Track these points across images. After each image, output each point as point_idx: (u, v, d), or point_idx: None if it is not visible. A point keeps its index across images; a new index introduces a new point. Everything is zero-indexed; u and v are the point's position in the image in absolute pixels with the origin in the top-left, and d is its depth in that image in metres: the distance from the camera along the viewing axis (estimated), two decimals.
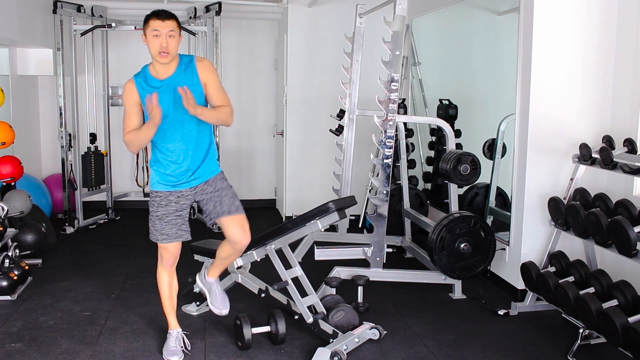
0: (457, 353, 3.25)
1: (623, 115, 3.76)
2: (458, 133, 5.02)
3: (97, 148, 6.24)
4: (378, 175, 3.98)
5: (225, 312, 3.32)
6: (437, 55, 5.86)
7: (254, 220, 6.38)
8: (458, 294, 4.09)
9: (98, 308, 3.82)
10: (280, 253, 3.38)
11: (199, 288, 3.49)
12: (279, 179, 6.75)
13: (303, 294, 3.32)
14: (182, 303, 3.75)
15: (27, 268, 4.20)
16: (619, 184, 3.70)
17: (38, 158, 6.55)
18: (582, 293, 3.26)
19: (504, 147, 4.48)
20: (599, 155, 3.46)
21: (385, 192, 3.95)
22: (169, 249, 3.09)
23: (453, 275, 3.97)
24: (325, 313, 3.34)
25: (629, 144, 3.36)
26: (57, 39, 5.66)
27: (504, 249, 4.13)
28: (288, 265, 3.38)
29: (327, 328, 3.24)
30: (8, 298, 3.91)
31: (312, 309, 3.33)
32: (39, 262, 4.66)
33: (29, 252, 4.52)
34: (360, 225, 5.73)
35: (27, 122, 6.21)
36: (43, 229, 4.67)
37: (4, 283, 3.91)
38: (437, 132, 5.28)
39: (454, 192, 4.14)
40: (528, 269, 3.72)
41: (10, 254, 4.14)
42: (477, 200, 4.84)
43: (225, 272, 3.53)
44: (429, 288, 4.16)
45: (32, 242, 4.53)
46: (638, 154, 3.30)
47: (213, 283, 3.35)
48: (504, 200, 4.54)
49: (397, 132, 4.43)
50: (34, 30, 5.59)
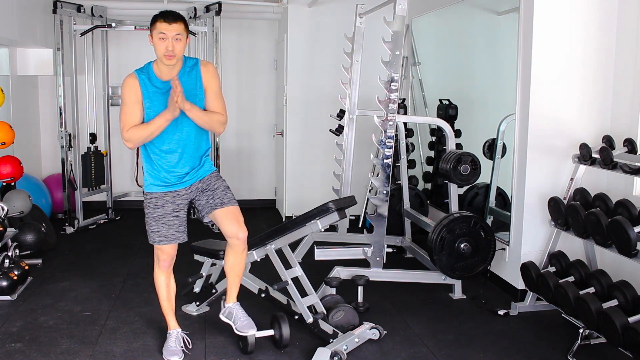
0: (457, 353, 3.25)
1: (623, 115, 3.76)
2: (458, 133, 5.02)
3: (97, 148, 6.23)
4: (378, 175, 3.98)
5: (253, 332, 3.11)
6: (437, 55, 5.86)
7: (254, 220, 6.43)
8: (458, 294, 4.09)
9: (98, 308, 3.82)
10: (280, 253, 3.38)
11: (225, 321, 3.22)
12: (279, 179, 6.75)
13: (303, 294, 3.32)
14: (182, 303, 3.75)
15: (27, 268, 4.20)
16: (619, 184, 3.70)
17: (38, 158, 6.55)
18: (582, 293, 3.26)
19: (504, 147, 4.49)
20: (599, 155, 3.46)
21: (385, 192, 3.95)
22: (165, 251, 3.07)
23: (453, 275, 3.97)
24: (325, 313, 3.34)
25: (629, 144, 3.36)
26: (57, 39, 5.65)
27: (504, 249, 4.13)
28: (288, 265, 3.38)
29: (327, 328, 3.24)
30: (8, 298, 3.91)
31: (312, 309, 3.33)
32: (39, 262, 4.66)
33: (29, 252, 4.52)
34: (360, 225, 5.73)
35: (27, 122, 6.21)
36: (43, 229, 4.67)
37: (4, 283, 3.91)
38: (437, 132, 5.29)
39: (454, 192, 4.14)
40: (528, 269, 3.72)
41: (10, 254, 4.14)
42: (477, 200, 4.84)
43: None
44: (429, 288, 4.16)
45: (32, 242, 4.53)
46: (638, 154, 3.30)
47: (233, 308, 3.16)
48: (504, 200, 4.54)
49: (397, 132, 4.43)
50: (34, 30, 5.59)
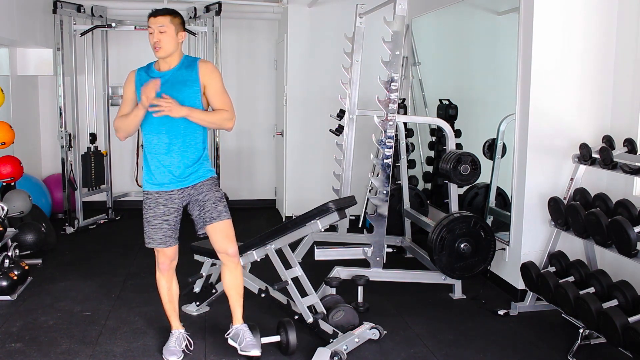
0: (457, 353, 3.25)
1: (623, 115, 3.76)
2: (458, 133, 5.02)
3: (97, 148, 6.23)
4: (378, 175, 3.98)
5: (256, 352, 3.02)
6: (437, 55, 5.86)
7: (254, 220, 6.44)
8: (458, 294, 4.09)
9: (98, 308, 3.82)
10: (280, 253, 3.38)
11: (231, 344, 3.12)
12: (279, 179, 6.75)
13: (303, 294, 3.32)
14: (182, 303, 3.74)
15: (27, 268, 4.20)
16: (619, 184, 3.70)
17: (38, 158, 6.56)
18: (582, 293, 3.26)
19: (504, 147, 4.49)
20: (599, 155, 3.46)
21: (385, 192, 3.95)
22: (163, 252, 3.06)
23: (453, 275, 3.97)
24: (325, 313, 3.34)
25: (629, 144, 3.36)
26: (57, 39, 5.66)
27: (504, 249, 4.13)
28: (288, 265, 3.38)
29: (327, 328, 3.24)
30: (8, 298, 3.91)
31: (312, 309, 3.33)
32: (39, 262, 4.66)
33: (29, 252, 4.52)
34: (360, 225, 5.73)
35: (27, 122, 6.21)
36: (43, 229, 4.67)
37: (4, 283, 3.91)
38: (437, 132, 5.28)
39: (454, 192, 4.14)
40: (528, 269, 3.72)
41: (10, 254, 4.14)
42: (477, 200, 4.84)
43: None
44: (429, 288, 4.16)
45: (32, 242, 4.53)
46: (638, 154, 3.30)
47: (240, 329, 3.09)
48: (504, 200, 4.54)
49: (397, 132, 4.43)
50: (34, 30, 5.59)
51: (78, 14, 5.86)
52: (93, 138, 6.22)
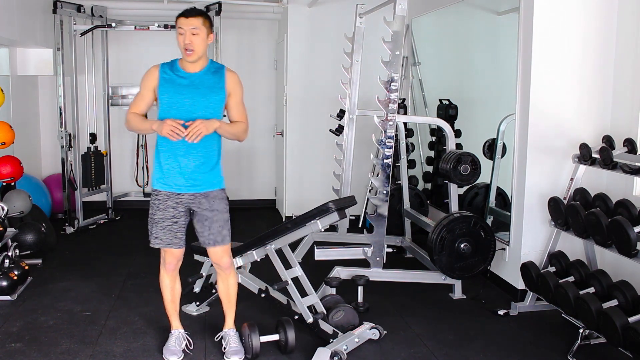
0: (457, 353, 3.25)
1: (623, 115, 3.76)
2: (458, 133, 5.02)
3: (97, 148, 6.24)
4: (378, 175, 3.98)
5: (238, 358, 3.08)
6: (437, 55, 5.86)
7: (254, 220, 6.44)
8: (458, 294, 4.09)
9: (98, 308, 3.81)
10: (280, 253, 3.38)
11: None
12: (279, 179, 6.75)
13: (303, 294, 3.32)
14: (182, 303, 3.72)
15: (27, 268, 4.20)
16: (619, 184, 3.70)
17: (38, 158, 6.55)
18: (582, 293, 3.26)
19: (504, 147, 4.49)
20: (599, 155, 3.46)
21: (385, 192, 3.95)
22: (171, 252, 3.06)
23: (453, 275, 3.97)
24: (325, 313, 3.34)
25: (629, 144, 3.36)
26: (57, 39, 5.65)
27: (504, 249, 4.13)
28: (288, 265, 3.38)
29: (327, 328, 3.24)
30: (8, 298, 3.91)
31: (312, 309, 3.33)
32: (39, 262, 4.66)
33: (29, 252, 4.52)
34: (360, 225, 5.73)
35: (27, 122, 6.21)
36: (43, 229, 4.67)
37: (4, 283, 3.91)
38: (437, 132, 5.28)
39: (454, 192, 4.14)
40: (528, 269, 3.72)
41: (10, 254, 4.14)
42: (477, 200, 4.84)
43: None
44: (429, 288, 4.16)
45: (32, 242, 4.53)
46: (638, 154, 3.30)
47: (227, 333, 3.18)
48: (504, 200, 4.54)
49: (397, 132, 4.43)
50: (34, 30, 5.59)
51: (78, 14, 5.86)
52: (93, 138, 6.22)
